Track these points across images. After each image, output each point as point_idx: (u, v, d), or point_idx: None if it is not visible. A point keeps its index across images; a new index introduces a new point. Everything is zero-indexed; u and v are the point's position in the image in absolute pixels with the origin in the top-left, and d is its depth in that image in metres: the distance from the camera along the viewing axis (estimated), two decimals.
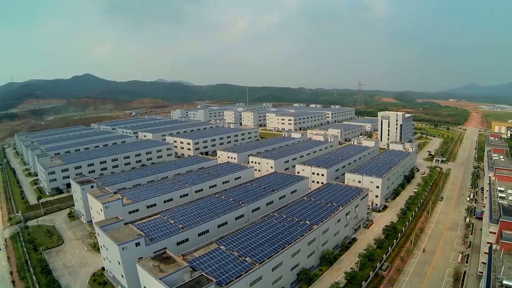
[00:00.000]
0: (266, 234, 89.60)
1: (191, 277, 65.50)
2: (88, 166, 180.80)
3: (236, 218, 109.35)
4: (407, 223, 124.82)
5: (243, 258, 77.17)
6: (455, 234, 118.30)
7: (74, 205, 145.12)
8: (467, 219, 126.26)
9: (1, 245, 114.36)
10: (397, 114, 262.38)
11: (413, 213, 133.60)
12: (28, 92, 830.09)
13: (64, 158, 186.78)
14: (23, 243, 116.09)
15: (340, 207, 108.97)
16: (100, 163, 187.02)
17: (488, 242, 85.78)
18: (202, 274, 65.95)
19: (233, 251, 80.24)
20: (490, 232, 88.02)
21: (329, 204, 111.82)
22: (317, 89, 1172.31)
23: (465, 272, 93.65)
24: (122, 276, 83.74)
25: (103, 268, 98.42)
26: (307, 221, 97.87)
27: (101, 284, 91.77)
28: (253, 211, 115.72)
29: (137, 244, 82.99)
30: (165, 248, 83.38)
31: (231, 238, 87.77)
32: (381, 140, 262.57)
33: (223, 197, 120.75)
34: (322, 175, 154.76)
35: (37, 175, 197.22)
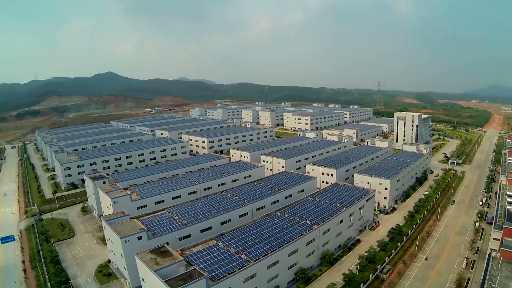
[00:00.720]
0: (265, 232, 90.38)
1: (186, 270, 67.34)
2: (103, 162, 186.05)
3: (240, 216, 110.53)
4: (414, 226, 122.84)
5: (239, 255, 78.39)
6: (463, 239, 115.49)
7: (87, 200, 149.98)
8: (477, 224, 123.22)
9: (15, 236, 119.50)
10: (413, 115, 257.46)
11: (422, 216, 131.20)
12: (51, 89, 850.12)
13: (80, 155, 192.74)
14: (37, 235, 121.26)
15: (344, 208, 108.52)
16: (115, 160, 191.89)
17: (491, 249, 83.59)
18: (195, 269, 67.70)
19: (230, 248, 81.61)
20: (494, 239, 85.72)
21: (333, 205, 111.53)
22: (339, 89, 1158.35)
23: (469, 279, 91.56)
24: (125, 268, 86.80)
25: (109, 260, 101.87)
26: (307, 221, 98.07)
27: (105, 275, 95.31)
28: (257, 209, 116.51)
29: (139, 238, 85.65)
30: (167, 243, 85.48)
31: (231, 235, 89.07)
32: (396, 141, 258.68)
33: (229, 195, 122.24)
34: (332, 175, 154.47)
35: (54, 171, 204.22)
